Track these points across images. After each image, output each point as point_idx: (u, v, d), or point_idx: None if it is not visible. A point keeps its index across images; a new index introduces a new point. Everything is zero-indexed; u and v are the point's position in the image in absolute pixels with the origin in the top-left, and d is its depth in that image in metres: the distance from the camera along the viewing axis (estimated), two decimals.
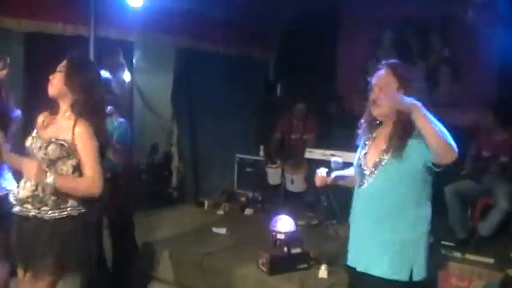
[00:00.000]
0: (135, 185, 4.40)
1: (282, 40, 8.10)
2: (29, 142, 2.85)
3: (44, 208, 2.73)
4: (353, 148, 5.75)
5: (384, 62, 2.65)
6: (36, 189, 2.72)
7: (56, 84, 2.82)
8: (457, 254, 4.66)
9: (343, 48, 8.02)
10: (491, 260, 4.48)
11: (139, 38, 6.28)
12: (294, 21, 7.47)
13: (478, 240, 5.11)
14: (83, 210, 2.81)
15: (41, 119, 2.93)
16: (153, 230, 5.56)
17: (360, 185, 2.65)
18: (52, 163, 2.74)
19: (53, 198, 2.71)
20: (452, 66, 7.00)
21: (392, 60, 2.64)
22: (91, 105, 2.82)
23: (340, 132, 7.13)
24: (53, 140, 2.75)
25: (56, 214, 2.74)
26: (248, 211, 6.44)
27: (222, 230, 5.51)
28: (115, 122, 4.15)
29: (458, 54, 6.85)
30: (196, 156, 7.23)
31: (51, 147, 2.73)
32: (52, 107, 2.91)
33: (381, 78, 2.57)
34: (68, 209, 2.77)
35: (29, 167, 2.65)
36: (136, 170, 6.71)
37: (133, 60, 6.72)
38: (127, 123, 4.29)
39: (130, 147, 4.35)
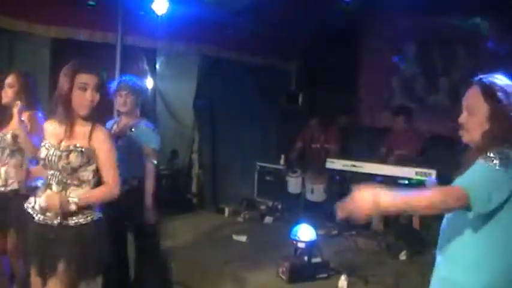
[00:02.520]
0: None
1: (306, 50, 8.13)
2: (43, 153, 2.83)
3: (68, 215, 2.76)
4: (373, 159, 5.83)
5: (477, 77, 2.20)
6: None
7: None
8: None
9: (366, 61, 8.01)
10: None
11: (163, 45, 6.37)
12: (317, 31, 7.48)
13: None
14: (102, 215, 2.88)
15: (50, 127, 2.92)
16: (173, 236, 5.60)
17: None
18: (74, 171, 2.78)
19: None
20: None
21: (487, 77, 2.17)
22: (104, 110, 2.90)
23: (359, 144, 7.19)
24: (72, 147, 2.76)
25: (82, 220, 2.78)
26: (268, 219, 6.45)
27: (242, 238, 5.53)
28: (144, 128, 4.21)
29: (482, 68, 6.81)
30: (217, 164, 7.27)
31: (73, 156, 2.75)
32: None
33: (472, 99, 2.16)
34: (92, 213, 2.82)
35: (51, 201, 2.69)
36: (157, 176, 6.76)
37: (157, 67, 6.79)
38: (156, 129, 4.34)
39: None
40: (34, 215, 2.82)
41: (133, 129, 4.18)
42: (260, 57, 7.55)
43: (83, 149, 2.76)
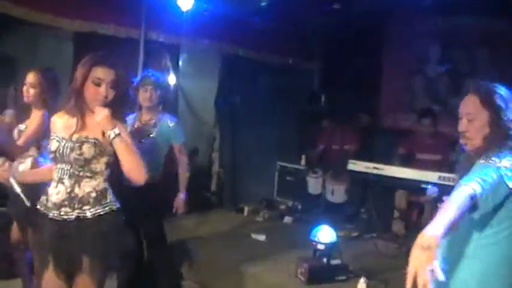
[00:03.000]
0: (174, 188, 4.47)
1: (328, 51, 8.08)
2: (54, 146, 2.73)
3: (85, 207, 2.69)
4: (395, 162, 5.75)
5: (473, 85, 2.31)
6: (72, 190, 2.69)
7: None
8: None
9: (389, 61, 7.92)
10: None
11: (187, 42, 6.36)
12: (340, 32, 7.42)
13: None
14: (119, 206, 2.80)
15: (60, 120, 2.82)
16: (192, 233, 5.61)
17: None
18: (87, 163, 2.69)
19: (92, 195, 2.70)
20: (502, 83, 6.82)
21: (484, 84, 2.30)
22: (121, 107, 2.82)
23: (379, 145, 7.11)
24: (84, 139, 2.69)
25: (100, 210, 2.71)
26: (287, 219, 6.42)
27: (261, 237, 5.51)
28: (170, 124, 4.23)
29: (506, 70, 6.68)
30: (237, 163, 7.27)
31: (86, 146, 2.67)
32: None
33: (471, 107, 2.26)
34: (109, 204, 2.75)
35: (101, 112, 2.64)
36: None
37: (180, 64, 6.79)
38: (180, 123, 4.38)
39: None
40: (48, 213, 2.72)
41: (157, 128, 4.20)
42: (281, 56, 7.53)
43: (96, 141, 2.68)
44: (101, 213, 2.71)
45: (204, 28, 6.30)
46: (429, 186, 3.17)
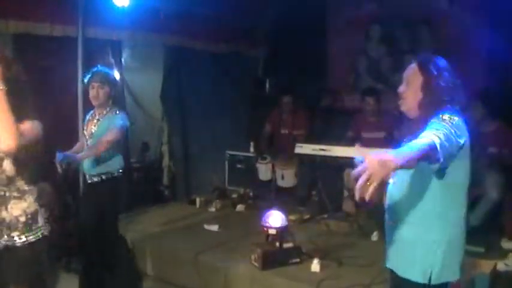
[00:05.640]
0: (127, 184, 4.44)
1: (272, 36, 8.12)
2: None
3: (14, 233, 2.47)
4: (342, 143, 5.86)
5: (418, 55, 2.57)
6: None
7: None
8: None
9: (333, 44, 8.02)
10: (481, 249, 4.52)
11: (128, 37, 6.29)
12: (283, 16, 7.47)
13: (468, 231, 5.14)
14: (49, 229, 2.62)
15: None
16: (145, 228, 5.59)
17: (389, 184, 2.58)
18: (11, 181, 2.50)
19: (22, 219, 2.48)
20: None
21: (425, 55, 2.56)
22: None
23: (329, 127, 7.21)
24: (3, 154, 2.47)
25: (31, 237, 2.50)
26: (240, 207, 6.45)
27: (214, 227, 5.53)
28: (111, 115, 4.20)
29: (446, 46, 6.88)
30: (188, 154, 7.23)
31: (6, 163, 2.48)
32: None
33: (409, 72, 2.51)
34: (40, 228, 2.56)
35: None
36: (128, 169, 6.72)
37: (122, 60, 6.70)
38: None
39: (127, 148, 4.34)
40: None
41: (100, 122, 4.17)
42: (225, 44, 7.50)
43: None
44: (32, 240, 2.50)
45: (144, 21, 6.22)
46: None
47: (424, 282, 2.39)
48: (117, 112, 4.22)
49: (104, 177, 4.12)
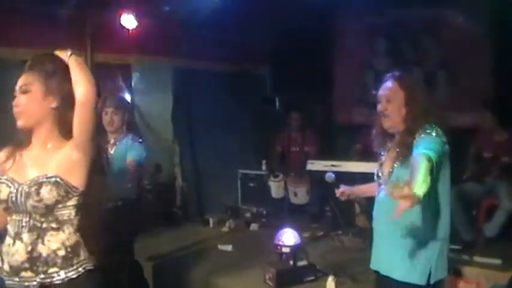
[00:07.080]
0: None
1: (278, 54, 8.14)
2: (4, 192, 2.19)
3: (52, 270, 2.17)
4: (353, 158, 5.84)
5: (390, 73, 2.66)
6: (34, 248, 2.15)
7: None
8: (465, 257, 4.65)
9: (339, 59, 8.03)
10: (498, 261, 4.47)
11: (137, 60, 6.35)
12: (289, 34, 7.49)
13: (484, 242, 5.09)
14: (94, 263, 2.30)
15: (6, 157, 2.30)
16: (159, 249, 5.57)
17: (378, 194, 2.69)
18: (49, 210, 2.18)
19: (60, 253, 2.18)
20: (448, 69, 6.98)
21: (397, 72, 2.66)
22: None
23: (338, 142, 7.20)
24: (42, 179, 2.19)
25: (72, 273, 2.20)
26: (253, 226, 6.43)
27: (228, 247, 5.50)
28: (129, 142, 4.15)
29: (453, 56, 6.85)
30: (199, 175, 7.27)
31: (45, 189, 2.15)
32: None
33: (388, 89, 2.59)
34: (83, 263, 2.25)
35: None
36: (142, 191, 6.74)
37: (132, 83, 6.76)
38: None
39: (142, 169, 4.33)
40: (5, 279, 2.19)
41: (115, 146, 4.14)
42: (232, 64, 7.58)
43: (58, 178, 2.17)
44: (73, 276, 2.20)
45: (152, 44, 6.29)
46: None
47: (424, 283, 2.46)
48: (132, 139, 4.16)
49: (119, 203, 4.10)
